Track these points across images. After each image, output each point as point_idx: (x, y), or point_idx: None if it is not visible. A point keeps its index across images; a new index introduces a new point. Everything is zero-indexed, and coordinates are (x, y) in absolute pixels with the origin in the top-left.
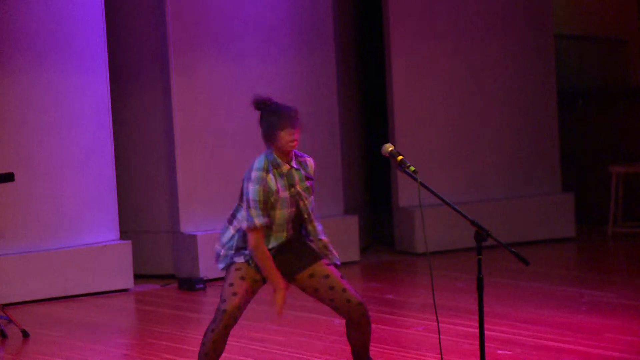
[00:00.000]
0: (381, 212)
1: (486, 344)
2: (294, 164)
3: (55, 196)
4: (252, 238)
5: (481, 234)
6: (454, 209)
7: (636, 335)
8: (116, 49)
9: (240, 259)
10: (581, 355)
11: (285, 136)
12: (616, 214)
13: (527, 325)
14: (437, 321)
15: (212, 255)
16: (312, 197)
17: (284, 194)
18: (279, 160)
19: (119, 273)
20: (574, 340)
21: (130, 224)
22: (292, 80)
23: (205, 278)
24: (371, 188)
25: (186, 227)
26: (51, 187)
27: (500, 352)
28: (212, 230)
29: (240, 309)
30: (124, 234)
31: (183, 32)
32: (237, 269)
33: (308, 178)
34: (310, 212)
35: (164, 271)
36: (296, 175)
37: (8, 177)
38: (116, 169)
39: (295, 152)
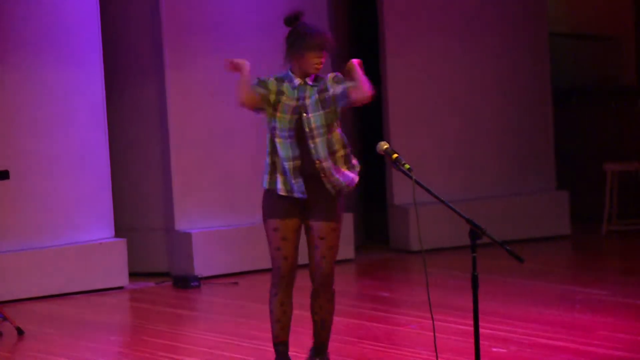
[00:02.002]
0: (376, 210)
1: (481, 342)
2: (309, 80)
3: (50, 194)
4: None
5: (476, 231)
6: (449, 206)
7: (629, 333)
8: (111, 47)
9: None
10: (575, 353)
11: (311, 58)
12: (611, 212)
13: (522, 322)
14: (432, 319)
15: (207, 253)
16: (327, 110)
17: (289, 101)
18: (292, 75)
19: (114, 271)
20: (568, 337)
21: (125, 222)
22: None
23: (200, 276)
24: (366, 186)
25: (181, 225)
26: (46, 185)
27: (494, 349)
28: (206, 228)
29: (295, 267)
30: (119, 232)
31: (178, 30)
32: (274, 229)
33: (323, 91)
34: (314, 127)
35: (159, 269)
36: (308, 90)
37: (3, 175)
38: (111, 167)
39: (317, 75)
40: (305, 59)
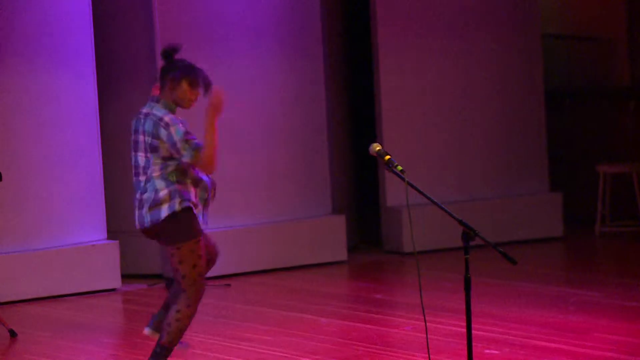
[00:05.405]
0: (369, 211)
1: (474, 344)
2: None
3: (43, 196)
4: (200, 160)
5: (469, 233)
6: (442, 208)
7: (623, 334)
8: (104, 51)
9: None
10: (569, 355)
11: (189, 93)
12: (604, 213)
13: (515, 324)
14: (425, 321)
15: None
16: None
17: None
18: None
19: (106, 273)
20: (562, 339)
21: (117, 224)
22: (280, 81)
23: None
24: (359, 188)
25: None
26: (39, 187)
27: (487, 351)
28: None
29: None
30: (111, 234)
31: (170, 34)
32: (191, 251)
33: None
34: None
35: (152, 271)
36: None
37: None
38: (104, 169)
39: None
40: (184, 92)
